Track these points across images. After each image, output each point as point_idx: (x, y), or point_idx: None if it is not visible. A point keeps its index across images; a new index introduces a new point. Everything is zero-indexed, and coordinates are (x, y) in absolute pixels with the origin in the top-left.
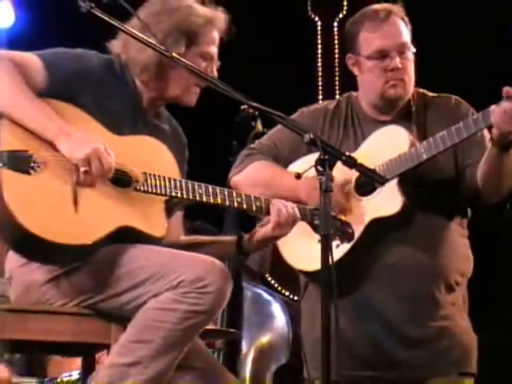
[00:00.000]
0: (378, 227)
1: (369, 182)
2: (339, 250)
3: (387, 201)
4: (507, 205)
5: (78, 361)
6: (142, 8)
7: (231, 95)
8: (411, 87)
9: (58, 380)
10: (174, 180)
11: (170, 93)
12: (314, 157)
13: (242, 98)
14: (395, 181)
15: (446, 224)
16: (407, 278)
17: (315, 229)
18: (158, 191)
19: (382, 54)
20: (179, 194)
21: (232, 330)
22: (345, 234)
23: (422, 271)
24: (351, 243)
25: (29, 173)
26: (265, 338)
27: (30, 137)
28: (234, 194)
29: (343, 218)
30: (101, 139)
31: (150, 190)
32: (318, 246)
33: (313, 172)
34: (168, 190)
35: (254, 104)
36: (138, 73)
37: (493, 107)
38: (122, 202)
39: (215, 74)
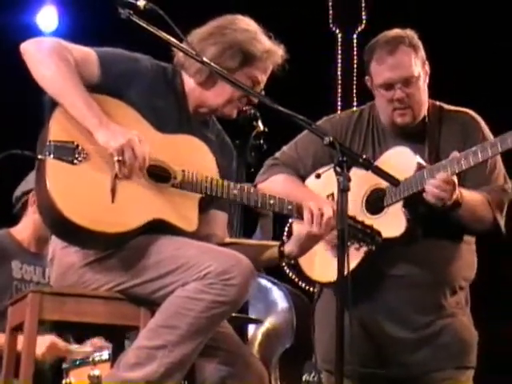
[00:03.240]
0: (384, 245)
1: (377, 201)
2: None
3: (392, 223)
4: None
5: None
6: (213, 21)
7: (262, 100)
8: (422, 111)
9: (90, 359)
10: (211, 179)
11: (211, 101)
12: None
13: (270, 102)
14: (400, 204)
15: (451, 237)
16: (414, 289)
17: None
18: (194, 189)
19: (388, 86)
20: (214, 193)
21: (241, 315)
22: (374, 240)
23: (428, 283)
24: (359, 258)
25: (72, 163)
26: (270, 323)
27: (78, 129)
28: (267, 197)
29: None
30: (142, 134)
31: (186, 187)
32: (334, 260)
33: (332, 175)
34: (204, 188)
35: (281, 108)
36: (192, 74)
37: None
38: (158, 196)
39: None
